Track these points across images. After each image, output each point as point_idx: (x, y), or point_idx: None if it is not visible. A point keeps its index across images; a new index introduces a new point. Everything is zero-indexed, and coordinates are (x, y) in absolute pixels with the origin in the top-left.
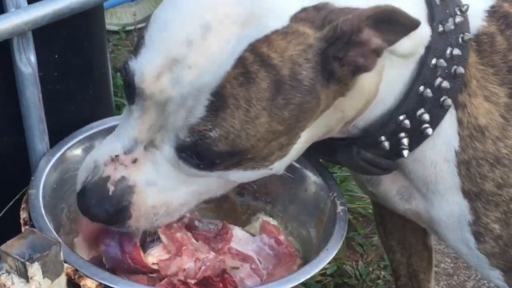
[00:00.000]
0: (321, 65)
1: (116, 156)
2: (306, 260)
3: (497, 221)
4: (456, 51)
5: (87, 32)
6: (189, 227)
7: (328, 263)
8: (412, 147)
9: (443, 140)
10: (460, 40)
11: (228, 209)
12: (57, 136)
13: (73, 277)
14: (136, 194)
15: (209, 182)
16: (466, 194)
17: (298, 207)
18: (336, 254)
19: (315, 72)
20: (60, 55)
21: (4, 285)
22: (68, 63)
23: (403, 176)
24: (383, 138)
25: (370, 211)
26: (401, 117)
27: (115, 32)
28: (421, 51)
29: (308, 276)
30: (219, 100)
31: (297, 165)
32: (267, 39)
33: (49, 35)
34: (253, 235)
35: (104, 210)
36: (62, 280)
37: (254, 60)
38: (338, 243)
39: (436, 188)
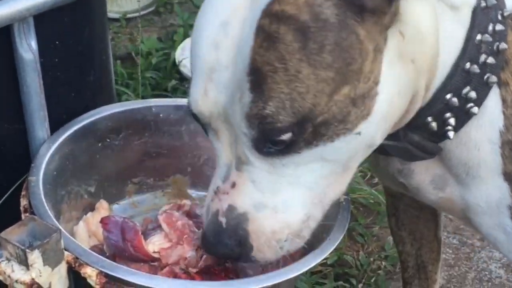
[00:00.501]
0: (344, 0)
1: (218, 187)
2: (308, 248)
3: None
4: (499, 27)
5: (88, 18)
6: (190, 215)
7: (329, 253)
8: (457, 127)
9: (488, 120)
10: (499, 16)
11: None
12: (57, 123)
13: (73, 265)
14: (251, 221)
15: (315, 177)
16: (508, 176)
17: None
18: (337, 244)
19: (340, 7)
20: (61, 41)
21: (4, 273)
22: (69, 49)
23: (438, 163)
24: (430, 119)
25: (371, 201)
26: (448, 96)
27: (116, 20)
28: (467, 14)
29: (311, 266)
30: (256, 75)
31: None
32: None
33: (50, 21)
34: None
35: (224, 245)
36: (62, 268)
37: (270, 21)
38: (340, 233)
39: (476, 172)
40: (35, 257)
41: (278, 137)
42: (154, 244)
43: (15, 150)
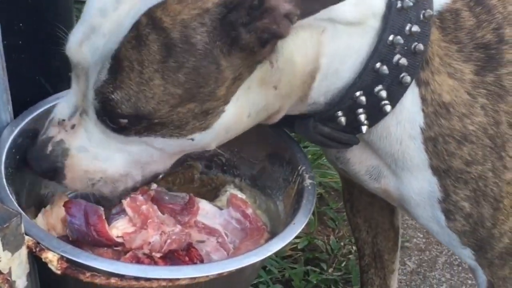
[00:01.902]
0: (219, 31)
1: (63, 120)
2: (274, 235)
3: (467, 199)
4: (415, 28)
5: (53, 1)
6: (155, 199)
7: (299, 238)
8: (371, 123)
9: (406, 117)
10: (421, 16)
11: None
12: (21, 106)
13: (34, 250)
14: (70, 157)
15: (141, 152)
16: (435, 171)
17: (266, 181)
18: (307, 229)
19: (211, 37)
20: (25, 23)
21: None
22: (33, 32)
23: (372, 154)
24: (339, 113)
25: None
26: (357, 93)
27: (81, 2)
28: (374, 22)
29: (274, 251)
30: (116, 63)
31: (265, 138)
32: (163, 4)
33: (13, 3)
34: (220, 208)
35: (40, 166)
36: (22, 252)
37: (147, 23)
38: (305, 217)
39: (404, 165)
40: None
41: (115, 119)
42: (118, 229)
43: None
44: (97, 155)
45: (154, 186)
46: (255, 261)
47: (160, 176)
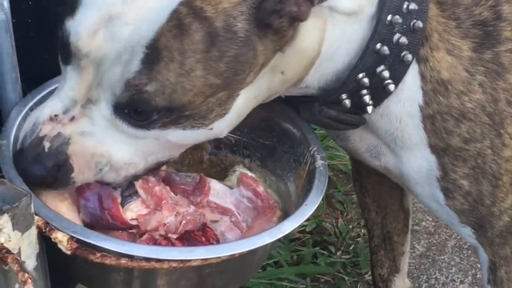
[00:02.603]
0: (256, 17)
1: (56, 116)
2: (286, 213)
3: (466, 177)
4: (413, 5)
5: None
6: (166, 180)
7: (307, 220)
8: (376, 103)
9: (407, 95)
10: None
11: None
12: (30, 85)
13: (43, 230)
14: (72, 144)
15: (149, 145)
16: (434, 149)
17: (276, 161)
18: (316, 211)
19: (250, 24)
20: (34, 1)
21: None
22: (42, 10)
23: (371, 133)
24: (344, 96)
25: (351, 167)
26: (360, 75)
27: None
28: (370, 9)
29: (288, 232)
30: (153, 53)
31: (275, 118)
32: None
33: None
34: (231, 188)
35: (42, 166)
36: (32, 232)
37: (188, 13)
38: (317, 198)
39: (403, 143)
40: (4, 221)
41: (144, 112)
42: (132, 211)
43: None
44: (101, 140)
45: (163, 167)
46: (267, 242)
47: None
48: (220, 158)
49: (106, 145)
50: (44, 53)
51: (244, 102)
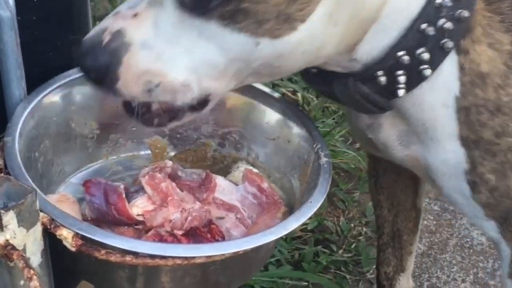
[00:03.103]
0: None
1: (119, 11)
2: (290, 209)
3: (493, 172)
4: None
5: None
6: (172, 177)
7: (309, 218)
8: (409, 87)
9: (443, 85)
10: None
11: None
12: (34, 82)
13: (48, 227)
14: (129, 54)
15: (205, 54)
16: (464, 141)
17: (280, 158)
18: (317, 209)
19: None
20: None
21: None
22: (47, 7)
23: (403, 121)
24: (380, 73)
25: (353, 166)
26: (400, 53)
27: None
28: None
29: (291, 229)
30: None
31: (279, 115)
32: None
33: None
34: (236, 184)
35: (93, 59)
36: (37, 229)
37: None
38: (322, 196)
39: (434, 134)
40: (9, 218)
41: None
42: (138, 207)
43: None
44: (161, 54)
45: (169, 163)
46: (272, 239)
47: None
48: (224, 155)
49: (164, 61)
50: (49, 51)
51: (294, 46)
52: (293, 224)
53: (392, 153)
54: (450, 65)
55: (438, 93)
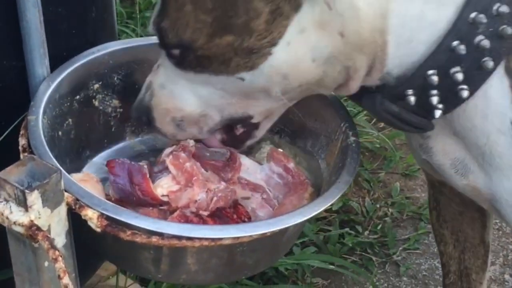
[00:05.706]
0: None
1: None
2: (317, 190)
3: None
4: (504, 8)
5: None
6: (197, 156)
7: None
8: (447, 108)
9: (494, 110)
10: None
11: None
12: (58, 60)
13: (73, 207)
14: (154, 97)
15: (212, 95)
16: None
17: (307, 138)
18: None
19: None
20: None
21: (2, 214)
22: None
23: (457, 145)
24: (409, 91)
25: (377, 145)
26: (429, 72)
27: None
28: None
29: (319, 210)
30: None
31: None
32: None
33: None
34: (260, 163)
35: (135, 111)
36: (62, 209)
37: None
38: (350, 176)
39: (493, 162)
40: (34, 198)
41: (168, 49)
42: (163, 187)
43: (14, 88)
44: (172, 91)
45: (192, 142)
46: (300, 221)
47: None
48: None
49: (176, 98)
50: (72, 28)
51: (287, 64)
52: (321, 204)
53: (451, 180)
54: (500, 88)
55: (491, 120)
